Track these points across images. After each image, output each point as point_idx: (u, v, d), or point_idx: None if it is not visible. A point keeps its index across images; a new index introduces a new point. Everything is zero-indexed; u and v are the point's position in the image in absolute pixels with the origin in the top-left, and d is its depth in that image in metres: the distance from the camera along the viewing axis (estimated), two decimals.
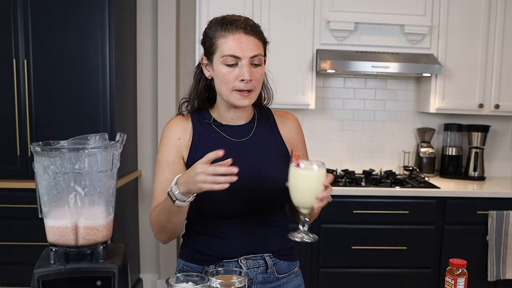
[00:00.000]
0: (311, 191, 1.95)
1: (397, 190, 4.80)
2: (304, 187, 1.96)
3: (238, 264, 2.24)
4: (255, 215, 2.25)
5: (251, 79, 2.11)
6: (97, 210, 1.64)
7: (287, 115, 2.47)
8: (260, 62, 2.15)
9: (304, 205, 1.98)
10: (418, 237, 4.79)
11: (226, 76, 2.12)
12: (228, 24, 2.12)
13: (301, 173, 1.95)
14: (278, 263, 2.32)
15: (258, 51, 2.13)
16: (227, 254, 2.24)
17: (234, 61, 2.10)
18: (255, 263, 2.27)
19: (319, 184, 1.95)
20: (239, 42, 2.09)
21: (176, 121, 2.32)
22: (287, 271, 2.36)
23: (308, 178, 1.96)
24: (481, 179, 5.46)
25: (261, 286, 2.29)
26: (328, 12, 4.95)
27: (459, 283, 2.09)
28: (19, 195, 4.51)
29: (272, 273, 2.30)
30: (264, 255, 2.28)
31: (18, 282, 4.52)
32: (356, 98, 5.67)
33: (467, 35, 5.09)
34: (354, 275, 4.83)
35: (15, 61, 4.53)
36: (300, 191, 1.97)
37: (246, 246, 2.25)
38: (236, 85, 2.12)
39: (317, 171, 1.95)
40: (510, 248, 4.80)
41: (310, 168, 1.96)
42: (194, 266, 2.30)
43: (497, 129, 5.75)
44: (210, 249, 2.25)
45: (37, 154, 1.58)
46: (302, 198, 1.98)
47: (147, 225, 5.65)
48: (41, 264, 1.60)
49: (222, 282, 1.88)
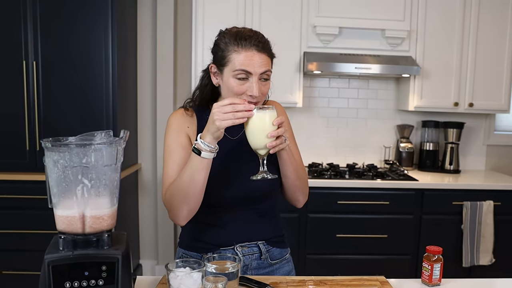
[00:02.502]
0: (263, 132, 1.97)
1: (378, 182, 4.82)
2: (256, 129, 1.98)
3: (234, 251, 2.26)
4: (249, 206, 2.27)
5: (260, 94, 2.11)
6: (102, 201, 1.65)
7: (274, 104, 2.43)
8: (268, 77, 2.14)
9: (259, 146, 2.00)
10: (397, 226, 4.82)
11: (236, 89, 2.10)
12: (242, 39, 2.08)
13: (253, 117, 1.97)
14: (271, 250, 2.34)
15: (268, 67, 2.12)
16: (224, 242, 2.26)
17: (245, 75, 2.08)
18: (250, 250, 2.29)
19: (269, 125, 1.97)
20: (252, 58, 2.07)
21: (183, 112, 2.32)
22: (279, 258, 2.39)
23: (259, 120, 1.97)
24: (456, 172, 5.48)
25: (256, 272, 2.31)
26: (314, 17, 4.97)
27: (435, 268, 2.12)
28: (28, 186, 4.54)
29: (266, 259, 2.32)
30: (258, 243, 2.31)
31: (29, 267, 4.57)
32: (341, 97, 5.68)
33: (443, 39, 5.11)
34: (339, 261, 4.85)
35: (25, 62, 4.54)
36: (252, 133, 2.00)
37: (241, 234, 2.27)
38: (244, 97, 2.11)
39: (267, 113, 1.97)
40: (483, 236, 4.82)
41: (260, 111, 1.98)
42: (193, 254, 2.31)
43: (471, 126, 5.78)
44: (208, 237, 2.27)
45: (48, 149, 1.59)
46: (255, 139, 2.00)
47: (146, 214, 5.67)
48: (51, 250, 1.61)
49: (217, 267, 1.90)
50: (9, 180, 4.57)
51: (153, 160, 5.66)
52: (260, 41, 2.11)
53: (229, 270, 1.88)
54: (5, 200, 4.59)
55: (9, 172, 4.63)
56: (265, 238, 2.33)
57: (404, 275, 2.97)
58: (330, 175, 4.99)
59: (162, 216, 5.59)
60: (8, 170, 4.65)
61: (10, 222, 4.62)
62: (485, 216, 4.80)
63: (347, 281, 2.13)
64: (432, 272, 2.12)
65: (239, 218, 2.27)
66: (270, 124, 1.97)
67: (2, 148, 4.66)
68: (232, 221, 2.26)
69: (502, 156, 5.91)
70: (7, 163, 4.67)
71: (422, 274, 2.16)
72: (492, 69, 5.19)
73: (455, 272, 4.88)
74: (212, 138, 1.95)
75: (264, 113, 1.97)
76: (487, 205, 4.82)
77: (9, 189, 4.58)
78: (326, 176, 4.93)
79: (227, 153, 2.23)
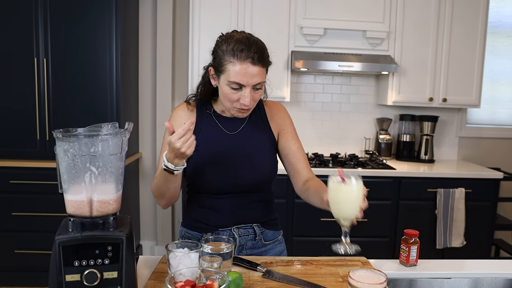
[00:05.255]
0: (353, 204, 1.86)
1: (359, 171, 4.82)
2: (346, 201, 1.87)
3: (231, 232, 2.29)
4: (244, 193, 2.29)
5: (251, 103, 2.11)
6: (108, 187, 1.66)
7: (274, 105, 2.46)
8: (261, 87, 2.12)
9: (346, 217, 1.91)
10: (377, 211, 4.83)
11: (229, 96, 2.10)
12: (238, 51, 2.03)
13: (343, 188, 1.85)
14: (264, 232, 2.36)
15: (261, 79, 2.08)
16: (221, 223, 2.28)
17: (238, 86, 2.06)
18: (245, 231, 2.31)
19: (359, 197, 1.86)
20: (246, 71, 2.03)
21: (184, 108, 2.33)
22: (272, 239, 2.41)
23: (350, 193, 1.86)
24: (431, 162, 5.51)
25: (250, 251, 2.34)
26: (301, 19, 4.97)
27: (412, 250, 2.13)
28: (38, 173, 4.61)
29: (260, 240, 2.34)
30: (253, 225, 2.33)
31: (40, 247, 4.67)
32: (325, 93, 5.69)
33: (419, 39, 5.12)
34: (322, 243, 4.85)
35: (36, 60, 4.60)
36: (342, 204, 1.89)
37: (238, 218, 2.29)
38: (237, 105, 2.12)
39: (357, 185, 1.85)
40: (455, 220, 4.84)
41: (350, 182, 1.85)
42: (194, 233, 2.33)
43: (445, 119, 5.81)
44: (207, 219, 2.29)
45: (59, 140, 1.59)
46: (344, 211, 1.89)
47: (146, 199, 5.69)
48: (61, 232, 1.61)
49: (213, 248, 1.92)
50: (21, 167, 4.63)
51: (152, 150, 5.67)
52: (256, 52, 2.05)
53: (223, 251, 1.90)
54: (18, 185, 4.64)
55: (21, 159, 4.70)
56: (259, 221, 2.35)
57: (383, 256, 2.99)
58: (315, 163, 5.00)
59: None
60: (21, 158, 4.73)
61: (22, 206, 4.67)
62: (457, 202, 4.83)
63: (332, 261, 2.15)
64: (409, 253, 2.13)
65: (235, 204, 2.28)
66: (361, 196, 1.87)
67: (16, 138, 4.73)
68: (229, 206, 2.28)
69: (473, 147, 5.94)
70: (20, 151, 4.74)
71: (400, 255, 2.17)
72: (464, 67, 5.21)
73: (429, 253, 4.92)
74: (181, 162, 1.95)
75: (354, 186, 1.85)
76: (459, 192, 4.84)
77: (22, 175, 4.63)
78: (312, 165, 4.91)
79: (225, 148, 2.26)
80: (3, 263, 4.76)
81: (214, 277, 1.65)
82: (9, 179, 4.63)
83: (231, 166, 2.23)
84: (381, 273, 1.61)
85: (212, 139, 2.26)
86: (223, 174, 2.23)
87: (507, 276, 2.11)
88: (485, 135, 5.96)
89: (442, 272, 2.09)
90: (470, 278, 2.08)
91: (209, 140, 2.25)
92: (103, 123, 1.67)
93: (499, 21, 5.81)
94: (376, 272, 1.63)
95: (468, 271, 2.11)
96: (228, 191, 2.26)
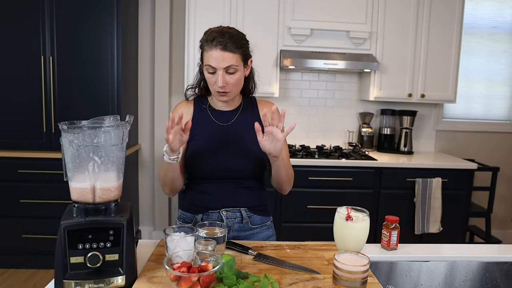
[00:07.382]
0: (358, 242, 1.88)
1: (343, 162, 4.84)
2: (352, 239, 1.87)
3: (220, 214, 2.32)
4: (235, 180, 2.32)
5: (225, 84, 2.18)
6: (110, 175, 1.66)
7: (267, 103, 2.49)
8: (234, 71, 2.18)
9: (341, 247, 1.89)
10: (359, 199, 4.85)
11: (209, 80, 2.22)
12: (210, 39, 2.14)
13: (350, 225, 1.85)
14: (252, 216, 2.37)
15: (231, 63, 2.15)
16: (211, 206, 2.32)
17: (212, 70, 2.16)
18: (233, 214, 2.33)
19: (365, 235, 1.88)
20: (215, 56, 2.13)
21: (183, 104, 2.42)
22: (260, 223, 2.41)
23: (356, 231, 1.86)
24: (410, 153, 5.52)
25: (237, 233, 2.35)
26: (289, 20, 4.97)
27: (393, 235, 2.14)
28: (44, 163, 4.64)
29: (247, 223, 2.35)
30: (241, 209, 2.34)
31: (46, 231, 4.72)
32: (311, 89, 5.69)
33: (399, 39, 5.14)
34: (309, 228, 4.88)
35: (43, 58, 4.62)
36: (347, 242, 1.88)
37: (226, 201, 2.32)
38: (215, 88, 2.20)
39: (364, 224, 1.86)
40: (432, 208, 4.86)
41: (358, 220, 1.86)
42: (188, 214, 2.39)
43: (423, 113, 5.82)
44: (199, 202, 2.34)
45: (64, 131, 1.60)
46: (349, 247, 1.85)
47: (145, 187, 5.69)
48: (66, 217, 1.61)
49: (208, 232, 1.93)
50: (29, 157, 4.65)
51: (151, 141, 5.66)
52: (229, 39, 2.14)
53: (217, 235, 1.91)
54: (26, 175, 4.66)
55: (28, 150, 4.73)
56: (247, 206, 2.36)
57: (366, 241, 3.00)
58: (302, 155, 5.00)
59: (159, 189, 5.60)
60: (28, 149, 4.76)
61: (29, 193, 4.69)
62: (434, 191, 4.85)
63: (318, 246, 2.15)
64: (390, 238, 2.13)
65: (225, 188, 2.32)
66: (366, 232, 1.88)
67: (23, 130, 4.75)
68: (219, 190, 2.32)
69: (449, 140, 5.96)
70: (27, 143, 4.76)
71: (382, 240, 2.18)
72: (441, 65, 5.23)
73: (408, 238, 4.93)
74: (172, 153, 2.07)
75: (365, 222, 1.86)
76: (436, 182, 4.86)
77: (29, 165, 4.66)
78: (299, 156, 4.94)
79: (217, 137, 2.32)
80: (11, 247, 4.78)
81: (209, 259, 1.66)
82: (18, 169, 4.65)
83: (222, 155, 2.28)
84: (364, 256, 1.61)
85: (206, 131, 2.32)
86: (214, 161, 2.28)
87: (481, 259, 2.12)
88: (460, 129, 5.97)
89: (421, 256, 2.10)
90: (446, 261, 2.09)
91: (204, 131, 2.32)
92: (105, 116, 1.68)
93: (473, 22, 5.82)
94: (359, 255, 1.63)
95: (445, 255, 2.13)
96: (218, 177, 2.30)
